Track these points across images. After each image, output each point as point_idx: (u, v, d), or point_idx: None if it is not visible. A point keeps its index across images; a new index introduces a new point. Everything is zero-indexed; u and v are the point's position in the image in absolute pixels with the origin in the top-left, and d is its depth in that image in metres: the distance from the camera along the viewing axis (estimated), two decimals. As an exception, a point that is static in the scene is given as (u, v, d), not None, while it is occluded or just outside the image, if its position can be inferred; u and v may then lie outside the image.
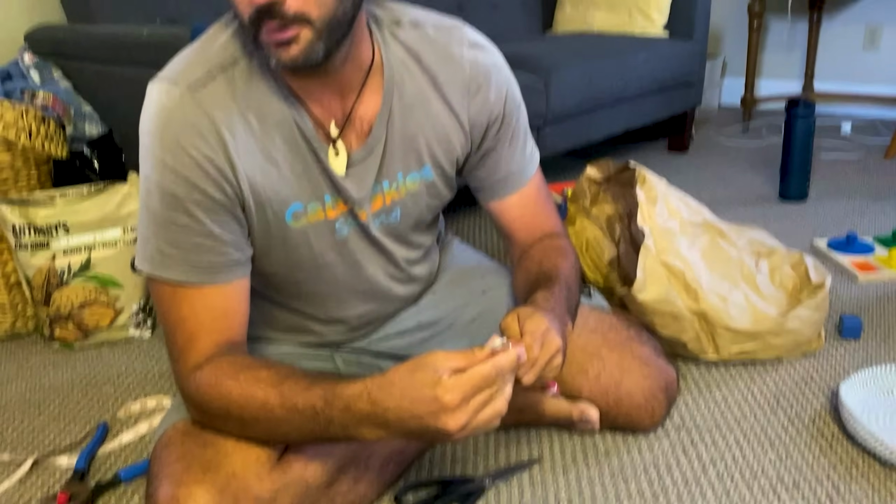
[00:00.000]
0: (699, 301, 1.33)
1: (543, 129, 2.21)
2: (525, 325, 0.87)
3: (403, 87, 0.99)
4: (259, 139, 0.92)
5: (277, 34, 0.81)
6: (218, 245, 0.91)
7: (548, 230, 1.14)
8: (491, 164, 1.09)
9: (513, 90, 1.07)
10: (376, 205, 1.03)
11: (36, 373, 1.48)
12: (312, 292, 1.08)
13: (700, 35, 2.78)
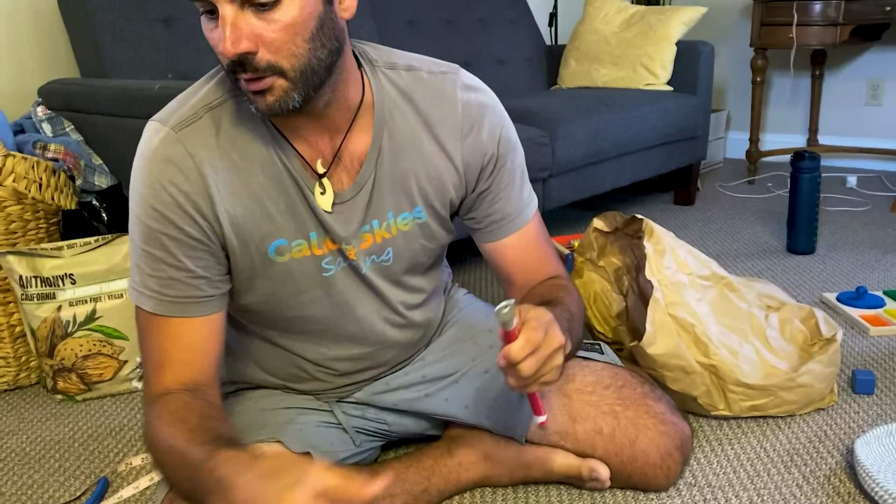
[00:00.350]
0: (709, 355, 1.31)
1: (549, 182, 2.22)
2: (528, 314, 0.86)
3: (395, 126, 1.00)
4: (242, 176, 0.94)
5: (253, 84, 0.84)
6: (190, 279, 0.93)
7: (549, 274, 1.13)
8: (486, 205, 1.09)
9: (507, 131, 1.07)
10: (366, 243, 1.02)
11: (37, 426, 1.46)
12: (302, 330, 1.07)
13: (704, 90, 2.82)
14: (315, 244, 0.99)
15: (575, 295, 1.09)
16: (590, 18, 3.00)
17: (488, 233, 1.11)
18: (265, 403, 1.13)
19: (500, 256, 1.13)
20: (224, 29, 0.79)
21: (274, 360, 1.12)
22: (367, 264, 1.04)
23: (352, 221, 1.00)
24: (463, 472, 1.17)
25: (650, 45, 2.81)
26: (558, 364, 0.87)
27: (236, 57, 0.80)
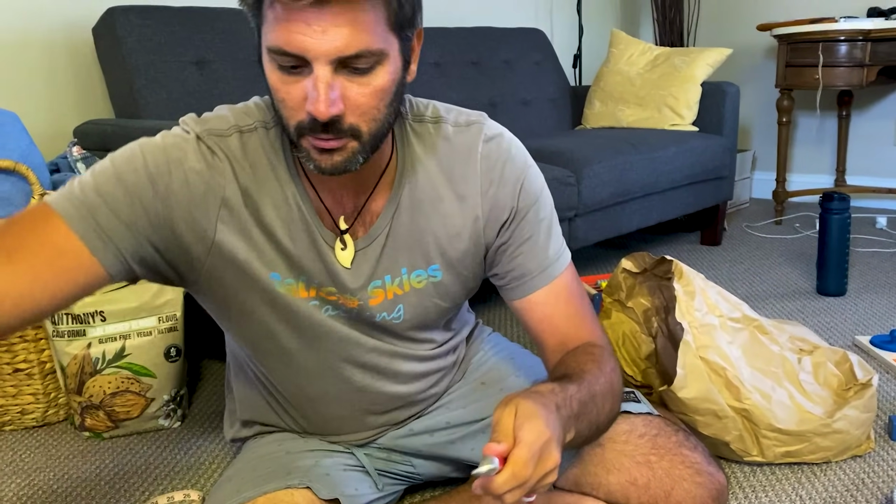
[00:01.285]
0: (742, 399, 1.29)
1: (575, 221, 2.22)
2: (523, 431, 0.76)
3: (416, 182, 0.98)
4: (252, 203, 0.92)
5: (325, 143, 0.82)
6: (117, 226, 0.84)
7: (583, 339, 1.04)
8: (506, 260, 1.04)
9: (529, 183, 1.03)
10: (376, 299, 1.00)
11: (64, 462, 1.46)
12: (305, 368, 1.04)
13: (730, 130, 2.82)
14: (311, 288, 0.97)
15: (608, 367, 0.99)
16: (614, 60, 3.03)
17: (511, 289, 1.06)
18: (289, 447, 1.12)
19: (527, 315, 1.07)
20: (320, 89, 0.77)
21: (277, 413, 1.12)
22: (378, 318, 1.02)
23: (360, 273, 0.98)
24: (490, 518, 1.15)
25: (675, 85, 2.82)
26: (549, 482, 0.79)
27: (328, 119, 0.79)
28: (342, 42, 0.77)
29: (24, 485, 1.38)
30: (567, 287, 1.06)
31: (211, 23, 2.07)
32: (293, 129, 0.83)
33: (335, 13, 0.76)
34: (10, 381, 1.56)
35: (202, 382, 1.78)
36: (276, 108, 0.84)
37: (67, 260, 0.81)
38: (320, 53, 0.77)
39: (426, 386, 1.13)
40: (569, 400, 0.86)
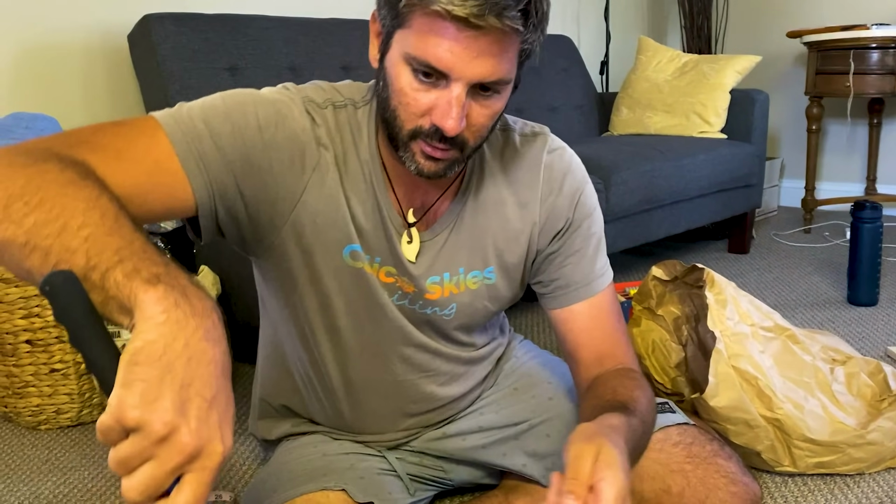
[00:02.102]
0: (773, 409, 1.28)
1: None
2: (605, 483, 0.73)
3: (482, 186, 1.01)
4: (339, 174, 0.94)
5: (433, 150, 0.86)
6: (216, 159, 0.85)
7: (619, 360, 1.05)
8: (553, 268, 1.06)
9: (586, 197, 1.06)
10: (433, 294, 1.03)
11: (98, 462, 1.49)
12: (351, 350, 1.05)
13: (758, 138, 2.80)
14: (375, 266, 0.99)
15: (649, 393, 0.99)
16: (642, 66, 3.02)
17: (553, 298, 1.07)
18: (325, 449, 1.14)
19: (566, 325, 1.08)
20: (454, 106, 0.81)
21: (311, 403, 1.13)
22: (428, 312, 1.04)
23: (421, 266, 1.01)
24: (521, 522, 1.15)
25: (704, 93, 2.81)
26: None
27: (453, 133, 0.83)
28: (487, 70, 0.81)
29: (60, 483, 1.41)
30: (608, 304, 1.07)
31: (243, 30, 2.09)
32: (407, 131, 0.86)
33: (489, 42, 0.80)
34: (47, 381, 1.59)
35: (235, 384, 1.80)
36: (392, 106, 0.86)
37: (164, 176, 0.81)
38: (465, 76, 0.81)
39: (462, 390, 1.14)
40: (632, 434, 0.86)
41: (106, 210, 0.63)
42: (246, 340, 1.36)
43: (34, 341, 1.56)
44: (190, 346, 0.54)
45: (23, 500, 1.35)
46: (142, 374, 0.52)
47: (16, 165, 0.66)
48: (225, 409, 0.56)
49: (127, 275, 0.57)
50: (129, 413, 0.51)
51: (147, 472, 0.51)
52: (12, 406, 1.61)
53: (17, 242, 0.61)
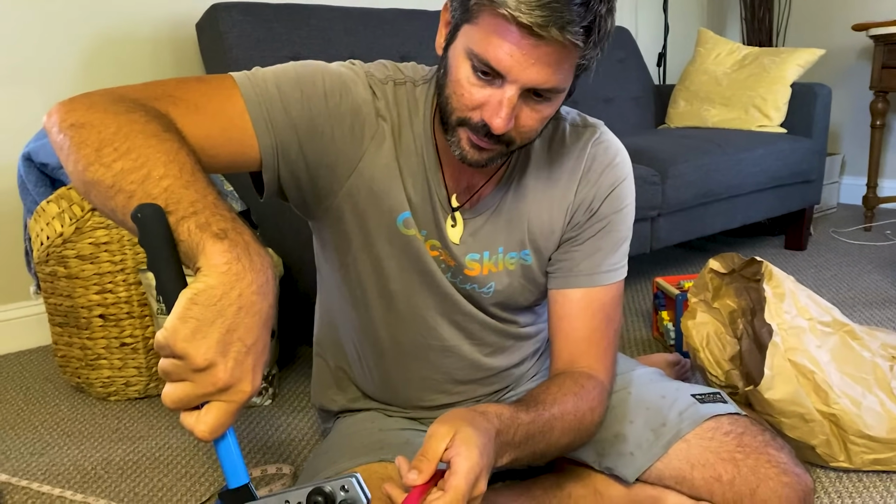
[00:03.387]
0: (830, 404, 1.27)
1: (657, 221, 2.21)
2: (459, 458, 0.79)
3: (527, 171, 1.05)
4: (394, 145, 0.99)
5: (480, 141, 0.90)
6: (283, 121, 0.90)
7: (590, 365, 1.06)
8: (564, 249, 1.08)
9: (619, 193, 1.08)
10: (473, 271, 1.06)
11: (165, 433, 1.55)
12: (402, 315, 1.08)
13: (819, 133, 2.75)
14: (422, 236, 1.03)
15: (586, 405, 1.01)
16: (701, 59, 2.99)
17: (554, 277, 1.09)
18: (381, 424, 1.17)
19: (555, 307, 1.09)
20: (505, 107, 0.85)
21: (365, 372, 1.16)
22: (466, 288, 1.08)
23: (462, 243, 1.05)
24: (572, 504, 1.17)
25: (764, 86, 2.77)
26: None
27: (500, 132, 0.87)
28: (543, 77, 0.85)
29: (130, 450, 1.48)
30: (603, 304, 1.08)
31: (306, 19, 2.14)
32: (456, 118, 0.90)
33: (549, 52, 0.83)
34: (117, 355, 1.66)
35: (293, 366, 1.86)
36: (447, 94, 0.91)
37: (235, 132, 0.88)
38: (520, 80, 0.85)
39: (508, 363, 1.17)
40: (514, 428, 0.89)
41: (184, 164, 0.70)
42: (307, 321, 1.40)
43: (107, 316, 1.63)
44: (242, 297, 0.62)
45: (96, 465, 1.43)
46: (197, 313, 0.60)
47: (109, 112, 0.73)
48: (259, 355, 0.64)
49: (199, 226, 0.64)
50: (178, 343, 0.60)
51: (183, 389, 0.62)
52: (85, 377, 1.69)
53: (105, 184, 0.69)
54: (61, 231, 1.57)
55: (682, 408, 1.16)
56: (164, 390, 0.63)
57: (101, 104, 0.76)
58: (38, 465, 1.43)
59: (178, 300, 0.61)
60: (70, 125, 0.74)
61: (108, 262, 1.60)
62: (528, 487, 1.17)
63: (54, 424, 1.59)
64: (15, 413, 1.65)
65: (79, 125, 0.73)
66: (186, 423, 0.64)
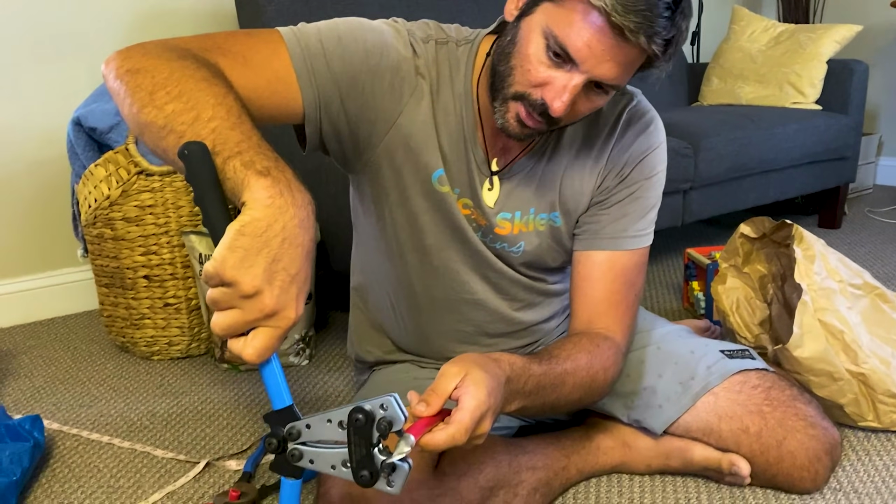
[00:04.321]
0: (859, 363, 1.28)
1: (689, 194, 2.21)
2: (467, 397, 0.81)
3: (562, 135, 1.07)
4: (432, 102, 1.02)
5: (528, 118, 0.93)
6: (326, 76, 0.94)
7: (609, 327, 1.08)
8: (591, 212, 1.10)
9: (650, 161, 1.10)
10: (503, 230, 1.09)
11: (206, 389, 1.61)
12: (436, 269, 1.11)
13: (856, 110, 2.72)
14: (461, 202, 1.06)
15: (599, 363, 1.02)
16: (735, 36, 2.97)
17: (579, 240, 1.11)
18: (416, 374, 1.21)
19: (577, 267, 1.11)
20: (569, 92, 0.88)
21: (399, 325, 1.20)
22: (496, 247, 1.10)
23: (495, 201, 1.07)
24: (601, 455, 1.20)
25: (799, 63, 2.74)
26: (478, 444, 0.84)
27: (558, 115, 0.90)
28: (612, 73, 0.88)
29: (173, 404, 1.54)
30: (625, 268, 1.10)
31: (343, -7, 2.17)
32: (514, 92, 0.93)
33: (624, 51, 0.86)
34: (161, 315, 1.72)
35: (328, 329, 1.91)
36: (511, 64, 0.93)
37: (280, 85, 0.92)
38: (592, 71, 0.88)
39: (538, 318, 1.20)
40: (525, 377, 0.92)
41: (231, 107, 0.74)
42: (342, 287, 1.44)
43: (151, 277, 1.69)
44: (286, 230, 0.66)
45: (141, 416, 1.49)
46: (245, 243, 0.64)
47: (163, 59, 0.79)
48: (302, 285, 0.69)
49: (244, 164, 0.68)
50: (227, 271, 0.64)
51: (231, 316, 0.66)
52: (129, 336, 1.75)
53: (157, 125, 0.74)
54: (108, 194, 1.63)
55: (711, 362, 1.18)
56: (213, 318, 0.67)
57: (154, 52, 0.81)
58: (86, 416, 1.49)
59: (226, 232, 0.65)
60: (126, 71, 0.79)
61: (153, 225, 1.66)
62: (557, 438, 1.20)
63: (101, 381, 1.66)
64: (63, 371, 1.72)
65: (134, 70, 0.78)
66: (234, 348, 0.68)
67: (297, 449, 0.73)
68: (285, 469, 0.75)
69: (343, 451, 0.72)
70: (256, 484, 1.22)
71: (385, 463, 0.71)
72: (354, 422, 0.71)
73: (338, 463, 0.73)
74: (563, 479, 1.16)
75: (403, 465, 0.72)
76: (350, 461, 0.72)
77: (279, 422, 0.74)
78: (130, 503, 1.19)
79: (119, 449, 1.36)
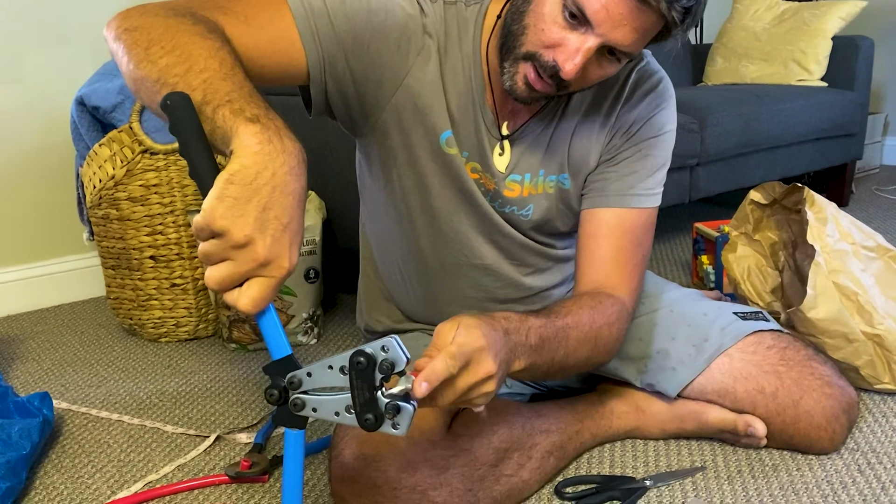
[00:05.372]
0: (874, 324, 1.27)
1: (696, 170, 2.20)
2: (458, 337, 0.78)
3: (572, 97, 1.06)
4: (439, 62, 1.00)
5: (537, 80, 0.91)
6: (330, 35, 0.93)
7: (614, 287, 1.05)
8: (599, 170, 1.09)
9: (658, 119, 1.08)
10: (513, 192, 1.07)
11: (215, 368, 1.60)
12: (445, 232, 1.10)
13: (862, 85, 2.70)
14: (469, 166, 1.05)
15: (603, 319, 0.99)
16: (738, 16, 2.95)
17: (587, 198, 1.09)
18: (427, 342, 1.20)
19: (583, 226, 1.09)
20: (581, 55, 0.87)
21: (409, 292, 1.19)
22: (506, 211, 1.09)
23: (505, 169, 1.06)
24: (615, 419, 1.19)
25: (804, 40, 2.73)
26: (488, 391, 0.79)
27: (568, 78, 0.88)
28: (627, 39, 0.86)
29: (183, 383, 1.53)
30: (633, 226, 1.08)
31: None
32: (525, 52, 0.91)
33: (643, 17, 0.85)
34: (168, 295, 1.71)
35: (335, 310, 1.90)
36: (524, 23, 0.91)
37: (283, 44, 0.91)
38: (607, 35, 0.86)
39: (547, 283, 1.19)
40: (525, 330, 0.89)
41: (224, 59, 0.74)
42: (348, 268, 1.43)
43: (157, 257, 1.68)
44: (276, 177, 0.65)
45: (151, 394, 1.48)
46: (234, 192, 0.63)
47: (160, 16, 0.79)
48: (295, 234, 0.67)
49: (234, 112, 0.67)
50: (217, 221, 0.63)
51: (225, 268, 0.65)
52: (137, 318, 1.74)
53: (152, 78, 0.74)
54: (113, 174, 1.62)
55: (725, 324, 1.17)
56: (207, 273, 0.66)
57: (153, 11, 0.81)
58: (95, 396, 1.48)
59: (215, 182, 0.64)
60: (125, 30, 0.79)
61: (158, 205, 1.65)
62: (571, 402, 1.19)
63: (109, 363, 1.65)
64: (72, 353, 1.71)
65: (132, 28, 0.79)
66: (229, 300, 0.67)
67: (299, 398, 0.72)
68: (288, 420, 0.74)
69: (346, 397, 0.71)
70: (268, 455, 1.21)
71: (389, 405, 0.70)
72: (356, 365, 0.70)
73: (341, 409, 0.71)
74: (576, 444, 1.14)
75: (408, 405, 0.70)
76: (353, 405, 0.71)
77: (279, 372, 0.73)
78: (141, 475, 1.18)
79: (129, 426, 1.35)
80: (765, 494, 1.06)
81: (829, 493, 1.05)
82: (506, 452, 1.02)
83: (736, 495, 1.06)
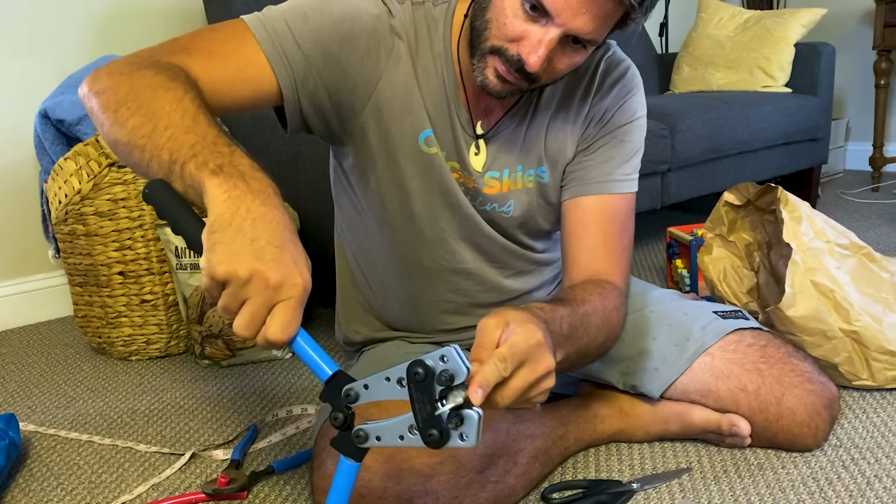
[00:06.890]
0: (851, 321, 1.28)
1: (667, 176, 2.21)
2: (508, 336, 0.74)
3: (544, 90, 1.06)
4: (411, 63, 0.99)
5: (507, 74, 0.91)
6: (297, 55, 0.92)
7: (603, 272, 1.05)
8: (577, 161, 1.09)
9: (630, 106, 1.09)
10: (492, 189, 1.07)
11: (188, 385, 1.56)
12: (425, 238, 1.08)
13: (825, 90, 2.75)
14: (448, 165, 1.04)
15: (611, 304, 1.00)
16: (703, 24, 2.99)
17: (567, 189, 1.10)
18: (408, 349, 1.18)
19: (568, 216, 1.09)
20: (544, 47, 0.87)
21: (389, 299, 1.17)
22: (487, 209, 1.08)
23: (481, 162, 1.06)
24: (599, 423, 1.18)
25: (767, 47, 2.77)
26: (547, 387, 0.76)
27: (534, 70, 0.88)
28: (588, 28, 0.86)
29: (154, 401, 1.49)
30: (617, 211, 1.09)
31: (312, -14, 2.15)
32: (490, 46, 0.91)
33: (602, 6, 0.85)
34: (138, 312, 1.67)
35: (312, 324, 1.87)
36: (486, 18, 0.91)
37: (252, 70, 0.91)
38: (567, 24, 0.86)
39: (530, 286, 1.18)
40: (558, 319, 0.87)
41: (186, 109, 0.76)
42: (323, 279, 1.40)
43: (126, 273, 1.64)
44: (251, 211, 0.67)
45: (122, 414, 1.44)
46: (218, 238, 0.65)
47: (124, 74, 0.81)
48: (295, 253, 0.67)
49: (198, 167, 0.70)
50: (217, 269, 0.64)
51: (245, 310, 0.66)
52: (106, 336, 1.70)
53: (123, 142, 0.77)
54: (79, 188, 1.58)
55: (705, 322, 1.17)
56: (234, 324, 0.67)
57: (117, 68, 0.83)
58: (63, 417, 1.44)
59: (202, 240, 0.67)
60: (95, 93, 0.81)
61: (127, 219, 1.61)
62: (554, 407, 1.18)
63: (77, 382, 1.60)
64: (38, 374, 1.66)
65: (101, 91, 0.81)
66: (261, 341, 0.67)
67: (363, 430, 0.70)
68: (348, 449, 0.72)
69: (407, 418, 0.68)
70: (246, 471, 1.17)
71: (451, 415, 0.66)
72: (414, 377, 0.67)
73: (405, 431, 0.69)
74: (561, 448, 1.13)
75: (472, 413, 0.67)
76: (416, 422, 0.67)
77: (335, 392, 0.70)
78: (114, 496, 1.14)
79: (99, 446, 1.31)
80: (752, 493, 1.05)
81: (815, 490, 1.05)
82: (491, 459, 1.01)
83: (723, 495, 1.05)
